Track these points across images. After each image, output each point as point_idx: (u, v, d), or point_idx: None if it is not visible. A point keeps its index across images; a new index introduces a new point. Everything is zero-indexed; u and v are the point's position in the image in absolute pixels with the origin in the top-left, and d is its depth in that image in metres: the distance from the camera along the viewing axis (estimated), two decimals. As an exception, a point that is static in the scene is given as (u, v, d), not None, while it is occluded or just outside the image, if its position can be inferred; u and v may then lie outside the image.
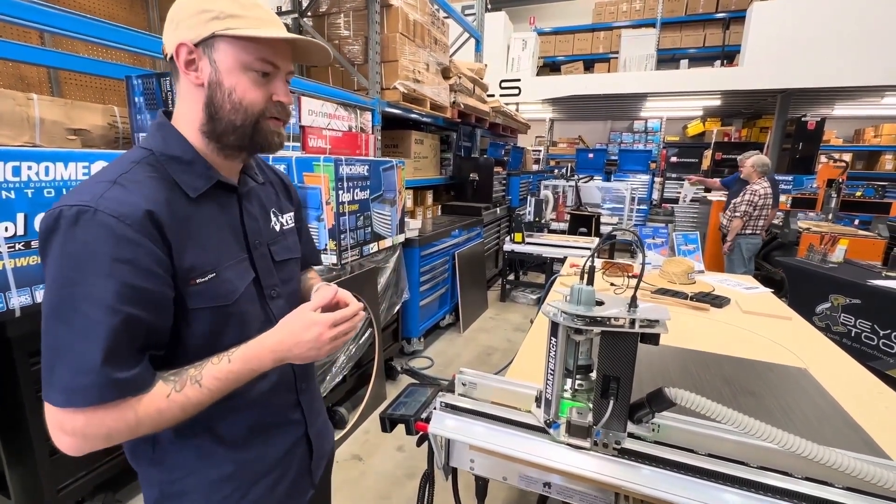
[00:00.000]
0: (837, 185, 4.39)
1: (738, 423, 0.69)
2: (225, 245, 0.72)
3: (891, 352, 2.84)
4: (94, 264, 0.57)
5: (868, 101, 6.89)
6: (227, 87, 0.67)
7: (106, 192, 0.59)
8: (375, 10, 3.04)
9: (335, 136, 2.74)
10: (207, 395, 0.64)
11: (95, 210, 0.57)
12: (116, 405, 0.58)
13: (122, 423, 0.59)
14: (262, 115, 0.70)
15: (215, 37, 0.65)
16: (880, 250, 4.08)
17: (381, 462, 2.21)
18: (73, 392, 0.56)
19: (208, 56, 0.66)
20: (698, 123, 8.78)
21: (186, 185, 0.68)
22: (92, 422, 0.58)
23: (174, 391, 0.62)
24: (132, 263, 0.59)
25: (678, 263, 2.37)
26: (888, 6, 5.42)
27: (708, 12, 7.47)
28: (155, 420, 0.61)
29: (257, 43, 0.66)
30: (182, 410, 0.62)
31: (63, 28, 1.53)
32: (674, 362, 1.36)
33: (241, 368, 0.66)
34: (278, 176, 0.93)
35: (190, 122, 0.70)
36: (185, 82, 0.68)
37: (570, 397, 0.85)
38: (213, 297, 0.68)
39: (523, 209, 5.49)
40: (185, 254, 0.65)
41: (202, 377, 0.63)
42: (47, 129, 1.65)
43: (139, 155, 0.67)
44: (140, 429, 0.61)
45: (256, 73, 0.68)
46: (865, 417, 1.07)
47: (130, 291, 0.58)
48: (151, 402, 0.61)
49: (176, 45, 0.66)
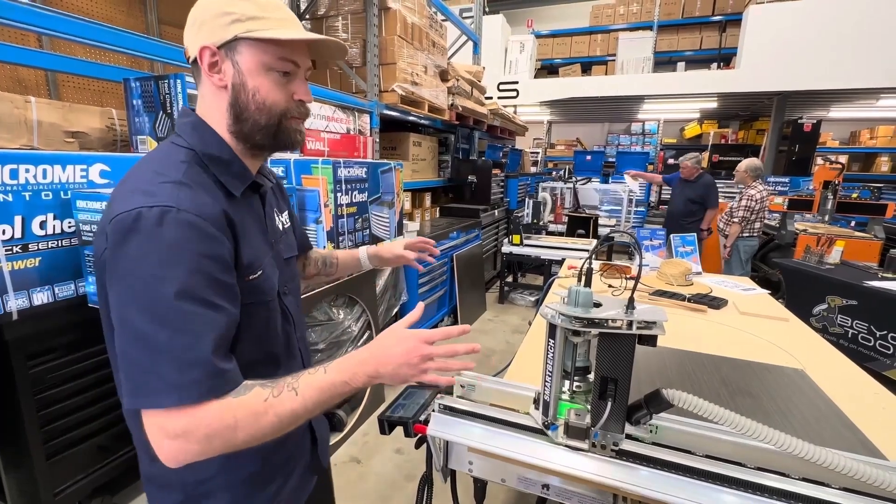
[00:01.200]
0: (834, 186, 4.41)
1: (735, 424, 0.69)
2: (260, 243, 0.74)
3: (887, 353, 2.85)
4: (184, 261, 0.57)
5: (864, 102, 6.93)
6: (251, 88, 0.68)
7: (179, 193, 0.60)
8: (374, 13, 3.05)
9: (333, 138, 2.75)
10: (302, 406, 0.62)
11: (178, 209, 0.58)
12: (218, 404, 0.57)
13: (221, 424, 0.57)
14: (286, 114, 0.71)
15: (238, 39, 0.66)
16: (876, 252, 4.09)
17: (380, 464, 2.20)
18: (184, 388, 0.55)
19: (231, 58, 0.67)
20: (695, 125, 8.81)
21: (230, 185, 0.69)
22: (194, 421, 0.56)
23: (272, 396, 0.61)
24: (217, 260, 0.60)
25: (676, 265, 2.38)
26: (884, 9, 5.46)
27: (704, 15, 7.50)
28: (252, 426, 0.59)
29: (278, 44, 0.67)
30: (278, 419, 0.60)
31: (61, 31, 1.53)
32: (671, 364, 1.36)
33: (336, 380, 0.64)
34: (273, 175, 0.95)
35: (217, 123, 0.71)
36: (209, 84, 0.69)
37: (569, 399, 0.85)
38: (261, 293, 0.71)
39: (521, 211, 5.49)
40: (243, 252, 0.67)
41: (299, 385, 0.62)
42: (45, 132, 1.65)
43: (185, 154, 0.67)
44: (237, 434, 0.58)
45: (278, 73, 0.69)
46: (862, 418, 1.07)
47: (218, 286, 0.60)
48: (250, 405, 0.59)
49: (199, 49, 0.66)
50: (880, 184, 6.05)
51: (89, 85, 2.51)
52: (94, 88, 2.54)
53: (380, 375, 0.67)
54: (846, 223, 5.02)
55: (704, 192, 4.66)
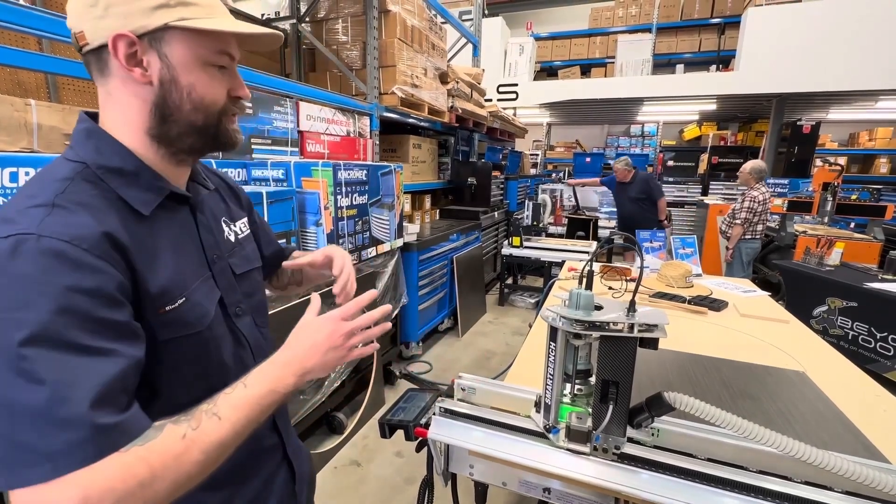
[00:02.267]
0: (833, 188, 4.42)
1: (737, 427, 0.69)
2: (188, 264, 0.63)
3: (888, 354, 2.85)
4: (45, 298, 0.45)
5: (862, 104, 6.94)
6: (185, 85, 0.59)
7: (46, 218, 0.49)
8: (373, 16, 3.06)
9: (333, 140, 2.75)
10: (230, 430, 0.53)
11: (39, 236, 0.47)
12: (119, 460, 0.46)
13: (132, 482, 0.45)
14: (224, 112, 0.63)
15: (168, 28, 0.56)
16: (876, 253, 4.10)
17: (380, 468, 2.20)
18: (60, 454, 0.43)
19: (157, 50, 0.57)
20: (695, 127, 8.83)
21: (135, 201, 0.58)
22: (93, 489, 0.43)
23: (190, 430, 0.51)
24: (94, 294, 0.48)
25: (676, 267, 2.38)
26: (882, 10, 5.48)
27: (703, 17, 7.52)
28: (175, 471, 0.48)
29: (215, 36, 0.59)
30: (203, 455, 0.51)
31: (61, 34, 1.53)
32: (673, 366, 1.36)
33: (262, 391, 0.57)
34: (224, 180, 0.82)
35: (129, 126, 0.60)
36: (120, 80, 0.58)
37: (570, 402, 0.85)
38: (185, 325, 0.60)
39: (521, 213, 5.50)
40: (151, 279, 0.56)
41: (218, 409, 0.53)
42: (45, 135, 1.65)
43: (70, 169, 0.56)
44: (156, 486, 0.47)
45: (215, 67, 0.61)
46: (864, 421, 1.07)
47: (97, 325, 0.48)
48: (165, 449, 0.49)
49: (112, 36, 0.54)
50: (879, 185, 6.07)
51: (90, 88, 2.51)
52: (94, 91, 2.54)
53: (308, 370, 0.61)
54: (845, 225, 5.03)
55: (645, 187, 4.82)
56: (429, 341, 3.70)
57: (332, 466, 2.18)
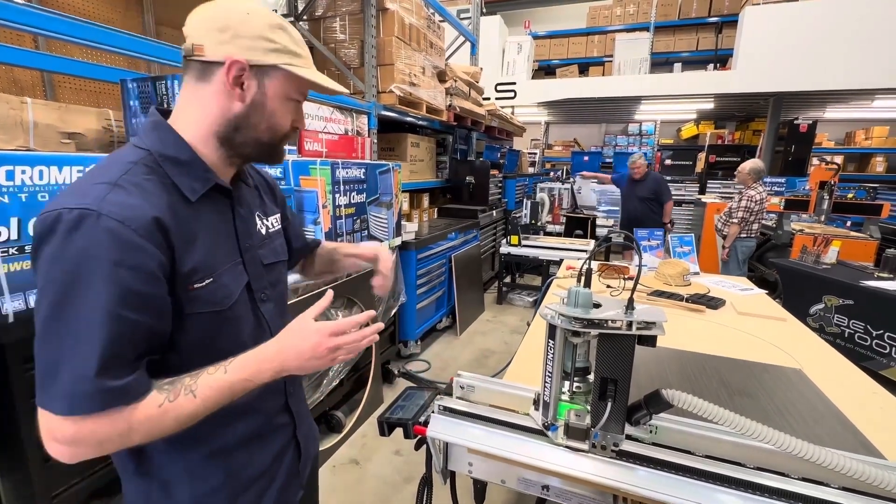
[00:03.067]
0: (829, 186, 4.43)
1: (734, 424, 0.69)
2: (221, 249, 0.72)
3: (884, 352, 2.87)
4: (96, 269, 0.56)
5: (859, 103, 6.97)
6: (269, 111, 0.71)
7: (108, 195, 0.58)
8: (371, 14, 3.05)
9: (331, 139, 2.74)
10: (201, 406, 0.63)
11: (99, 214, 0.56)
12: (108, 414, 0.57)
13: (113, 432, 0.58)
14: (286, 137, 0.76)
15: (276, 68, 0.69)
16: (872, 251, 4.11)
17: (379, 466, 2.20)
18: (76, 398, 0.56)
19: (258, 79, 0.69)
20: (692, 126, 8.84)
21: (185, 188, 0.67)
22: (83, 430, 0.57)
23: (167, 401, 0.61)
24: (136, 269, 0.58)
25: (674, 265, 2.38)
26: (879, 10, 5.50)
27: (701, 16, 7.53)
28: (147, 429, 0.60)
29: (304, 80, 0.72)
30: (175, 421, 0.62)
31: (57, 31, 1.52)
32: (671, 364, 1.36)
33: (237, 379, 0.65)
34: (262, 177, 0.93)
35: (200, 124, 0.70)
36: (218, 91, 0.68)
37: (569, 399, 0.85)
38: (210, 303, 0.68)
39: (519, 212, 5.50)
40: (186, 258, 0.65)
41: (197, 387, 0.63)
42: (41, 133, 1.64)
43: (136, 155, 0.66)
44: (132, 437, 0.60)
45: (293, 101, 0.74)
46: (860, 418, 1.08)
47: (133, 297, 0.58)
48: (144, 412, 0.60)
49: (229, 59, 0.66)
50: (875, 184, 6.09)
51: (86, 86, 2.50)
52: (91, 89, 2.53)
53: (286, 370, 0.67)
54: (842, 223, 5.05)
55: (656, 188, 4.82)
56: (427, 340, 3.70)
57: (330, 465, 2.19)
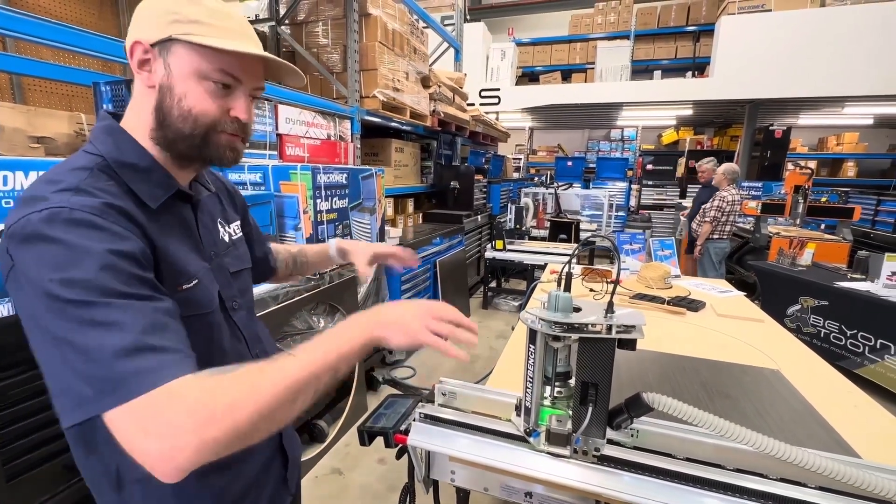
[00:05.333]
0: (804, 191, 4.56)
1: (713, 426, 0.70)
2: (192, 255, 0.69)
3: (858, 351, 2.95)
4: (87, 257, 0.50)
5: (830, 110, 7.22)
6: (178, 94, 0.63)
7: (72, 198, 0.54)
8: (354, 19, 3.04)
9: (313, 144, 2.72)
10: (305, 368, 0.55)
11: (70, 209, 0.52)
12: (199, 379, 0.49)
13: (213, 399, 0.48)
14: (214, 127, 0.65)
15: (172, 40, 0.61)
16: (845, 253, 4.24)
17: (362, 475, 2.16)
18: (140, 374, 0.47)
19: (163, 58, 0.62)
20: (672, 132, 9.04)
21: (145, 195, 0.63)
22: (178, 399, 0.47)
23: (266, 364, 0.53)
24: (127, 256, 0.53)
25: (655, 268, 2.41)
26: (849, 21, 5.72)
27: (679, 25, 7.73)
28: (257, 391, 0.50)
29: (220, 53, 0.62)
30: (276, 387, 0.52)
31: (27, 33, 1.47)
32: (652, 367, 1.37)
33: (331, 336, 0.60)
34: (222, 182, 0.88)
35: (141, 127, 0.66)
36: (139, 83, 0.65)
37: (550, 405, 0.84)
38: (198, 305, 0.66)
39: (504, 216, 5.52)
40: (169, 258, 0.62)
41: (295, 350, 0.56)
42: (8, 137, 1.58)
43: (90, 161, 0.61)
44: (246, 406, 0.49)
45: (215, 83, 0.64)
46: (835, 416, 1.10)
47: (134, 280, 0.53)
48: (243, 374, 0.52)
49: (131, 43, 0.62)
50: (847, 188, 6.30)
51: (57, 89, 2.43)
52: (63, 92, 2.46)
53: (382, 324, 0.63)
54: (816, 226, 5.19)
55: (707, 198, 4.50)
56: (412, 346, 3.67)
57: (313, 475, 2.14)
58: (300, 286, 2.04)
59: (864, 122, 7.86)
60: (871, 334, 2.86)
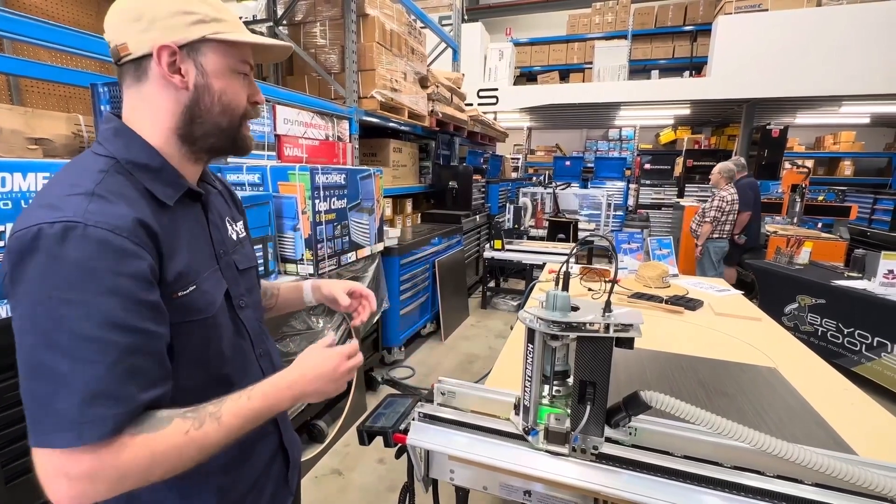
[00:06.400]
0: (801, 190, 4.58)
1: (711, 424, 0.70)
2: (200, 255, 0.69)
3: (855, 349, 2.96)
4: (94, 282, 0.52)
5: (827, 109, 7.24)
6: (218, 91, 0.66)
7: (89, 206, 0.54)
8: (352, 20, 3.04)
9: (312, 144, 2.72)
10: (224, 435, 0.59)
11: (85, 225, 0.52)
12: (132, 440, 0.53)
13: (136, 462, 0.53)
14: (245, 116, 0.71)
15: (204, 41, 0.64)
16: (842, 252, 4.26)
17: (362, 476, 2.16)
18: (85, 425, 0.50)
19: (194, 59, 0.64)
20: (670, 132, 9.06)
21: (160, 193, 0.64)
22: (104, 461, 0.51)
23: (193, 429, 0.57)
24: (136, 277, 0.55)
25: (653, 268, 2.42)
26: (845, 20, 5.73)
27: (676, 25, 7.75)
28: (172, 461, 0.56)
29: (239, 46, 0.67)
30: (199, 451, 0.57)
31: (24, 34, 1.47)
32: (650, 365, 1.38)
33: (262, 406, 0.62)
34: (224, 184, 0.89)
35: (157, 126, 0.66)
36: (160, 85, 0.64)
37: (549, 403, 0.85)
38: (194, 311, 0.66)
39: (502, 216, 5.53)
40: (172, 266, 0.62)
41: (221, 415, 0.59)
42: (5, 139, 1.58)
43: (103, 163, 0.62)
44: (154, 470, 0.55)
45: (241, 75, 0.69)
46: (832, 414, 1.11)
47: (138, 306, 0.55)
48: (169, 440, 0.55)
49: (157, 47, 0.61)
50: (844, 187, 6.31)
51: (55, 90, 2.42)
52: (60, 94, 2.45)
53: (306, 394, 0.67)
54: (813, 225, 5.22)
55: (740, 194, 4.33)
56: (411, 346, 3.68)
57: (312, 476, 2.14)
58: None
59: (861, 121, 7.89)
60: (867, 332, 2.87)
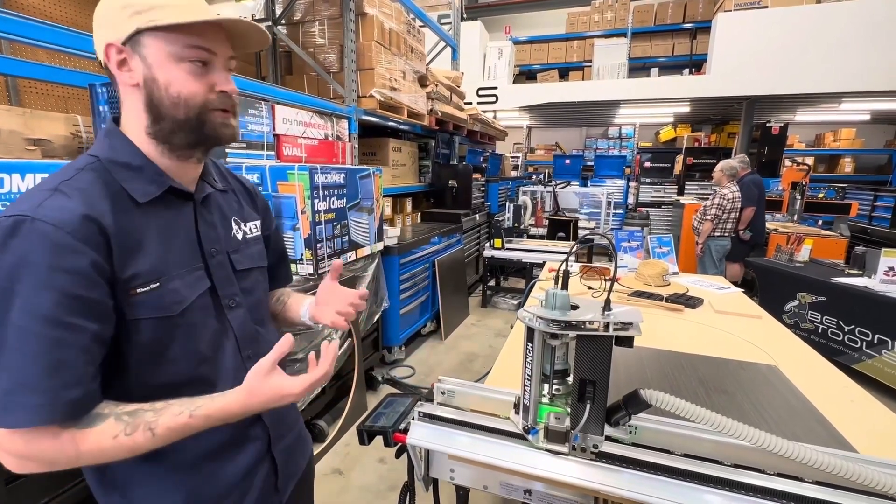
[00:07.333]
0: (801, 187, 4.58)
1: (711, 422, 0.70)
2: (175, 254, 0.68)
3: (855, 346, 2.96)
4: (30, 275, 0.54)
5: (827, 106, 7.22)
6: (163, 83, 0.64)
7: (45, 201, 0.57)
8: (350, 19, 3.04)
9: (311, 144, 2.71)
10: (157, 444, 0.61)
11: (33, 219, 0.55)
12: (57, 434, 0.56)
13: (61, 454, 0.56)
14: (205, 107, 0.66)
15: (140, 32, 0.62)
16: (843, 249, 4.26)
17: (363, 475, 2.16)
18: (12, 411, 0.53)
19: (138, 53, 0.63)
20: (670, 129, 9.05)
21: (135, 191, 0.65)
22: (31, 446, 0.55)
23: (124, 434, 0.58)
24: (72, 272, 0.56)
25: (653, 266, 2.42)
26: (844, 17, 5.72)
27: (675, 23, 7.74)
28: (96, 457, 0.58)
29: (183, 31, 0.63)
30: (129, 453, 0.60)
31: (22, 35, 1.47)
32: (650, 364, 1.37)
33: (202, 425, 0.63)
34: (242, 184, 0.89)
35: (136, 127, 0.67)
36: (122, 86, 0.66)
37: (548, 402, 0.85)
38: (156, 308, 0.65)
39: (502, 215, 5.52)
40: (128, 262, 0.62)
41: (157, 426, 0.60)
42: (4, 140, 1.58)
43: (84, 162, 0.65)
44: (80, 461, 0.58)
45: (192, 62, 0.64)
46: (832, 411, 1.10)
47: (72, 301, 0.56)
48: (96, 440, 0.57)
49: (104, 47, 0.63)
50: (844, 184, 6.32)
51: (53, 91, 2.42)
52: (59, 94, 2.45)
53: (252, 412, 0.65)
54: (814, 222, 5.22)
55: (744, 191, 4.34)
56: (411, 345, 3.68)
57: (314, 474, 2.14)
58: (298, 286, 2.04)
59: (861, 118, 7.87)
60: (868, 329, 2.86)
